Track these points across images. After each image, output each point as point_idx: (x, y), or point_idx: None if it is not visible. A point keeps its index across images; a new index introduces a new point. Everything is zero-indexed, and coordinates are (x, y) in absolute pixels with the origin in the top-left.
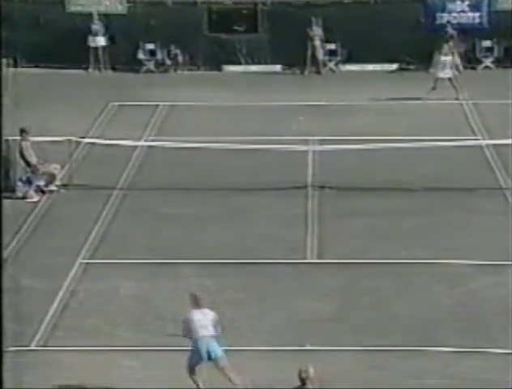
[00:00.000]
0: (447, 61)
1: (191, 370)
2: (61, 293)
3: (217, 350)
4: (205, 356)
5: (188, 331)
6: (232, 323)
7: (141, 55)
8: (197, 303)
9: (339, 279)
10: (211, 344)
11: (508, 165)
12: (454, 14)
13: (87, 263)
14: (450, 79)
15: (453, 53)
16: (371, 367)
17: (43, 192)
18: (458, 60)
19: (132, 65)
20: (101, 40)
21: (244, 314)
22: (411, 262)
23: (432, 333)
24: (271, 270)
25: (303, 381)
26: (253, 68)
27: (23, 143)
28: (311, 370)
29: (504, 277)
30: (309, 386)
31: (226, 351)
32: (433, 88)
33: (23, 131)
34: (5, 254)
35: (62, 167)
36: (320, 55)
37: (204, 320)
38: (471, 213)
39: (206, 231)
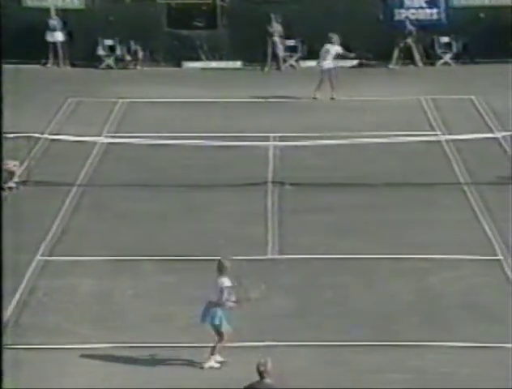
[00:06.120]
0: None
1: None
2: (20, 291)
3: (212, 317)
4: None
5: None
6: (192, 320)
7: (100, 51)
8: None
9: (300, 275)
10: (212, 311)
11: (467, 160)
12: (413, 11)
13: (46, 260)
14: (329, 70)
15: (411, 48)
16: (331, 362)
17: (1, 189)
18: (416, 56)
19: (91, 60)
20: (59, 36)
21: None
22: (372, 257)
23: (391, 327)
24: (232, 266)
25: (261, 374)
26: (214, 64)
27: None
28: (269, 364)
29: (462, 271)
30: (268, 380)
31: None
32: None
33: None
34: None
35: (21, 163)
36: (280, 51)
37: (216, 287)
38: (431, 208)
39: (166, 227)
